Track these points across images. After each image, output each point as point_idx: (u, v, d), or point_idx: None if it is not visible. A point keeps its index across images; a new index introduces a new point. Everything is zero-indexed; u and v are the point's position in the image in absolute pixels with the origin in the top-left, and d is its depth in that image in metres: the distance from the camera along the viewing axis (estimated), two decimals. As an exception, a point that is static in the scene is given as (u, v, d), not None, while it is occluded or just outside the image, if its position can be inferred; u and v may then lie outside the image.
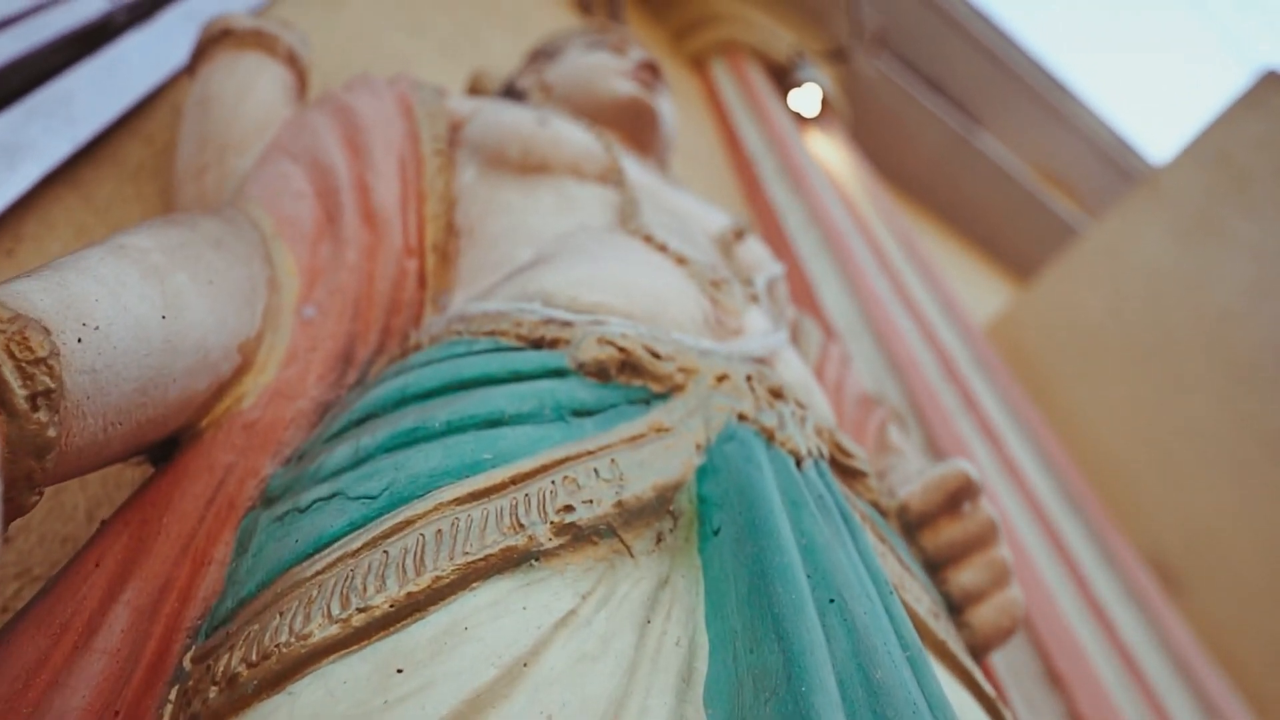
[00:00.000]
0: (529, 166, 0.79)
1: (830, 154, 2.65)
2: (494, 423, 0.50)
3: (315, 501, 0.47)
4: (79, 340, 0.42)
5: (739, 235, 0.91)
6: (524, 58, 1.28)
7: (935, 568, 0.72)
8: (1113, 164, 4.44)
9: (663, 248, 0.71)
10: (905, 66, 3.74)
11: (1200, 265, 2.40)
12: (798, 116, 2.70)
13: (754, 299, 0.76)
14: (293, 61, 0.90)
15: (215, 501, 0.52)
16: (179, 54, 1.01)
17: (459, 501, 0.45)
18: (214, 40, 0.86)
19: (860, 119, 3.32)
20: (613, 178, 0.83)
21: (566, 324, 0.58)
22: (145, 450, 0.54)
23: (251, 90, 0.81)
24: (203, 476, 0.53)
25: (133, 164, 0.92)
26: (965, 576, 0.71)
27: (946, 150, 3.72)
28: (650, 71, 1.14)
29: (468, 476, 0.47)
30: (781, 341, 0.72)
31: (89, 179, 0.87)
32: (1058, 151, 4.42)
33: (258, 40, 0.87)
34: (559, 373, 0.55)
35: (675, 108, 1.19)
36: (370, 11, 1.49)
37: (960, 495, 0.71)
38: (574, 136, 0.83)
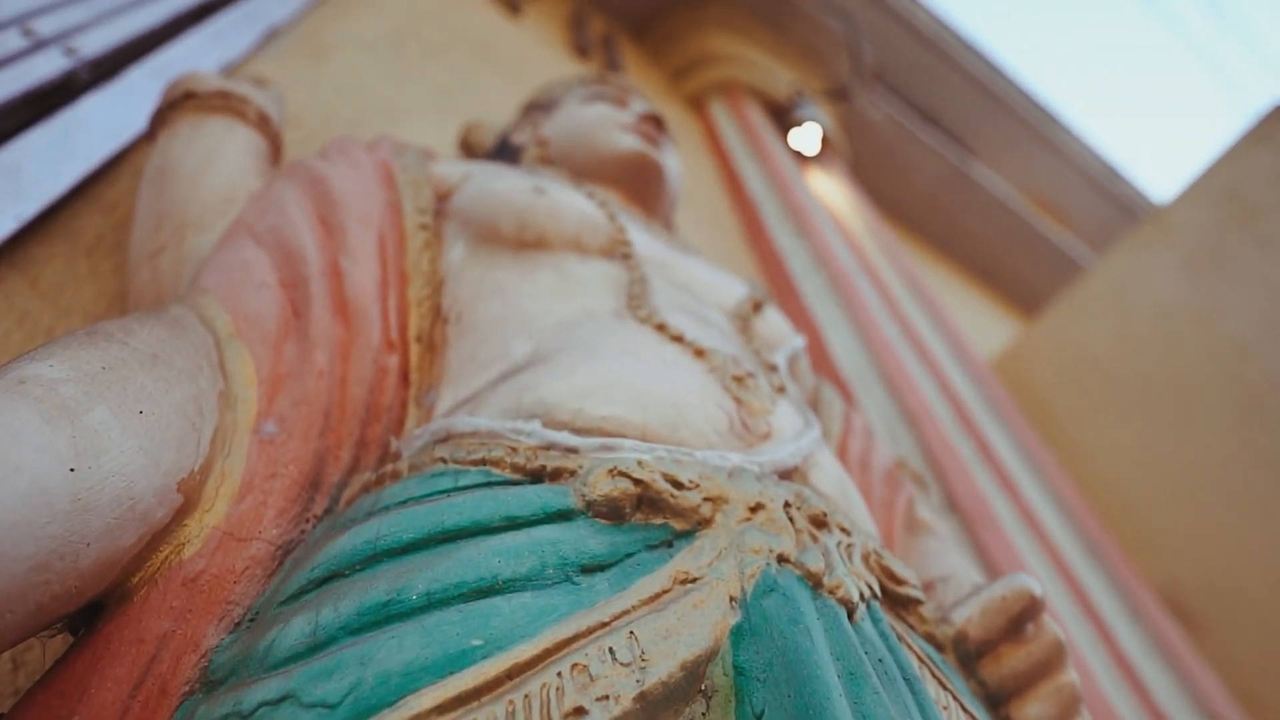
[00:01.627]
0: (525, 242, 0.69)
1: (832, 192, 2.58)
2: (485, 591, 0.40)
3: (261, 707, 0.37)
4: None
5: (757, 307, 0.82)
6: (519, 109, 1.20)
7: (998, 701, 0.62)
8: (1106, 193, 4.39)
9: (678, 338, 0.62)
10: (900, 100, 3.69)
11: (1211, 299, 2.32)
12: (798, 155, 2.63)
13: (781, 389, 0.66)
14: (264, 124, 0.81)
15: (143, 686, 0.42)
16: (145, 114, 0.92)
17: (442, 710, 0.35)
18: (175, 104, 0.76)
19: (858, 154, 3.25)
20: (618, 251, 0.73)
21: (571, 450, 0.48)
22: (56, 624, 0.43)
23: (216, 159, 0.72)
24: (129, 652, 0.43)
25: (89, 237, 0.82)
26: (1032, 711, 0.61)
27: (944, 183, 3.66)
28: (654, 124, 1.05)
29: (452, 673, 0.36)
30: (815, 442, 0.62)
31: (37, 257, 0.77)
32: (1052, 181, 4.38)
33: (224, 102, 0.78)
34: (564, 515, 0.45)
35: (680, 160, 1.10)
36: (357, 61, 1.41)
37: (1024, 618, 0.61)
38: (575, 206, 0.73)
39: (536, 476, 0.47)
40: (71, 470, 0.39)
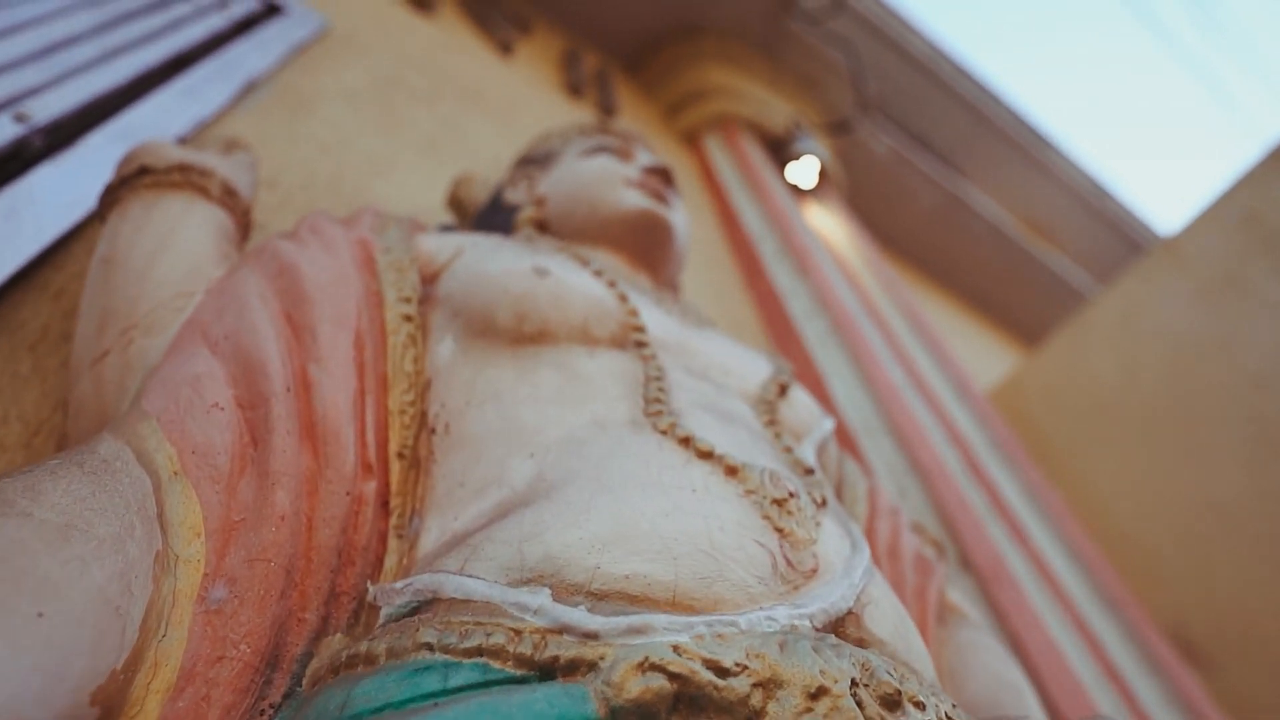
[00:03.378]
0: (524, 336, 0.60)
1: (830, 227, 2.50)
2: None
3: None
4: None
5: (782, 390, 0.73)
6: (513, 162, 1.11)
7: None
8: (1101, 217, 4.34)
9: (707, 453, 0.52)
10: (895, 126, 3.64)
11: (1227, 329, 2.25)
12: (794, 189, 2.56)
13: (823, 503, 0.56)
14: (230, 198, 0.71)
15: None
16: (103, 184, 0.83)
17: None
18: (127, 181, 0.67)
19: (854, 182, 3.19)
20: (631, 339, 0.64)
21: (589, 636, 0.38)
22: None
23: (170, 245, 0.62)
24: None
25: (34, 329, 0.72)
26: None
27: (939, 210, 3.60)
28: (661, 178, 0.96)
29: None
30: (867, 573, 0.52)
31: (-29, 354, 0.67)
32: (1046, 205, 4.33)
33: (183, 177, 0.68)
34: (582, 728, 0.35)
35: (689, 216, 1.01)
36: (341, 113, 1.32)
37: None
38: (581, 290, 0.64)
39: (547, 671, 0.37)
40: (-72, 727, 0.28)
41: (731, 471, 0.52)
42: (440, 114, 1.57)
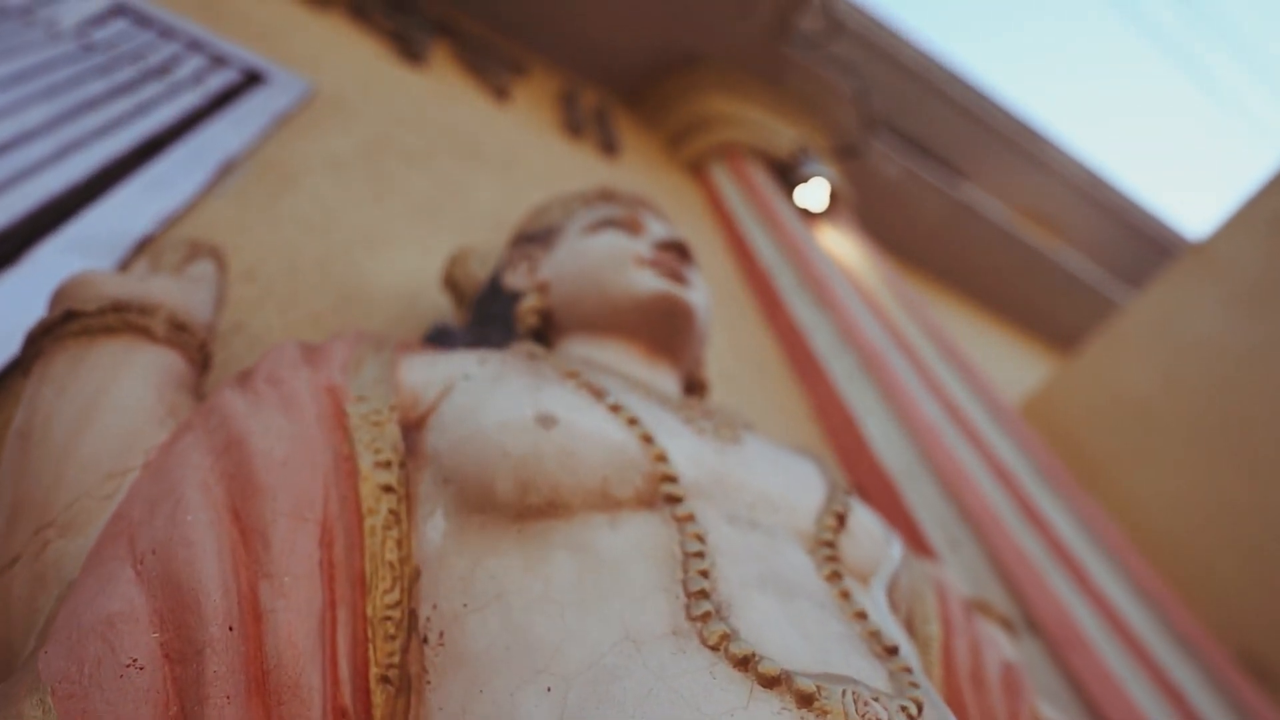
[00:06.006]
0: (530, 510, 0.47)
1: (845, 250, 2.36)
2: None
3: None
4: None
5: (841, 520, 0.59)
6: (511, 238, 0.99)
7: None
8: (1099, 205, 4.18)
9: (774, 679, 0.39)
10: (899, 138, 3.50)
11: (1268, 334, 2.09)
12: (804, 213, 2.42)
13: (918, 712, 0.43)
14: (181, 333, 0.59)
15: None
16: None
17: None
18: (51, 330, 0.55)
19: (861, 198, 3.05)
20: (660, 492, 0.51)
21: None
22: None
23: (99, 412, 0.50)
24: None
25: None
26: None
27: (949, 218, 3.45)
28: (677, 254, 0.84)
29: None
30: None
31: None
32: (1048, 199, 4.17)
33: (119, 318, 0.56)
34: None
35: (709, 290, 0.88)
36: (327, 185, 1.21)
37: None
38: (596, 438, 0.51)
39: None
40: None
41: (806, 701, 0.38)
42: (435, 173, 1.45)
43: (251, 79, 1.36)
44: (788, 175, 2.45)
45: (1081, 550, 1.51)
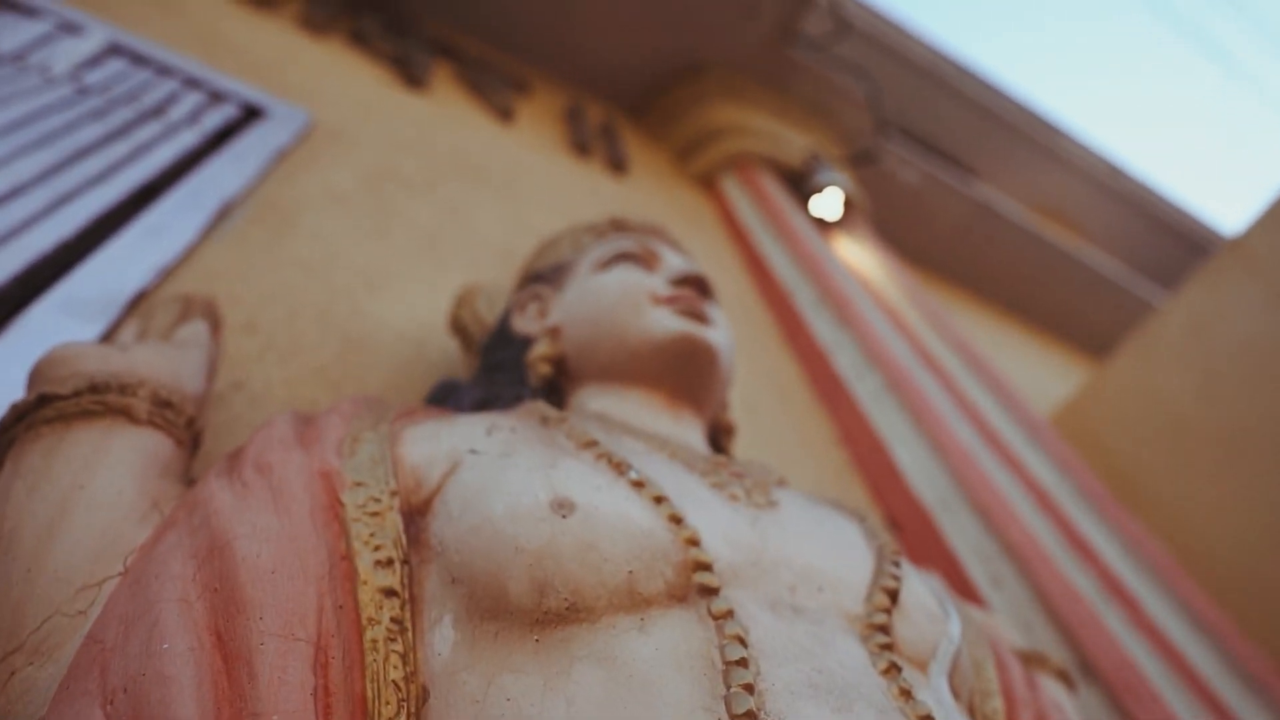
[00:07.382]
0: (549, 615, 0.42)
1: (862, 259, 2.30)
2: None
3: None
4: None
5: (893, 597, 0.54)
6: (520, 277, 0.94)
7: None
8: (1118, 196, 4.08)
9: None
10: (912, 141, 3.44)
11: (1308, 336, 2.00)
12: (820, 222, 2.36)
13: None
14: (164, 412, 0.55)
15: None
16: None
17: None
18: (24, 417, 0.51)
19: (876, 205, 2.99)
20: (694, 584, 0.45)
21: None
22: None
23: (73, 512, 0.46)
24: None
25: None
26: None
27: (967, 221, 3.38)
28: (696, 289, 0.79)
29: None
30: None
31: None
32: (1065, 193, 4.07)
33: (96, 400, 0.52)
34: None
35: (730, 327, 0.83)
36: (328, 221, 1.17)
37: None
38: (619, 524, 0.46)
39: None
40: None
41: None
42: (440, 201, 1.41)
43: (251, 114, 1.32)
44: (800, 185, 2.39)
45: (1134, 583, 1.43)
